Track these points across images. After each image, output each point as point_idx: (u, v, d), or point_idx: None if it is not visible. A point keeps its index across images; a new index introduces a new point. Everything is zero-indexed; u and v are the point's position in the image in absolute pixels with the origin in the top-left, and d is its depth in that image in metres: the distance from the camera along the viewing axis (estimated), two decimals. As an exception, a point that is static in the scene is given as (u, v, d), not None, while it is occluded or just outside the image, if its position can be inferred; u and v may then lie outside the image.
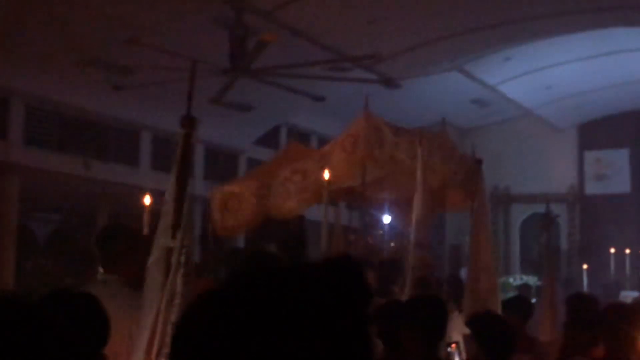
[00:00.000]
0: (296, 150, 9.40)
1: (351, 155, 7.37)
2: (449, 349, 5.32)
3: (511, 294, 11.70)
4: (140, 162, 13.94)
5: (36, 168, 12.05)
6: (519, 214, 18.80)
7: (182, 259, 3.71)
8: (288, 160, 8.84)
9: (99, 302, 3.02)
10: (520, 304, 7.24)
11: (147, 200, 7.39)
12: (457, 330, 5.86)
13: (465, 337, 5.55)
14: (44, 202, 14.27)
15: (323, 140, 18.40)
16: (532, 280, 15.51)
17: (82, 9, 10.22)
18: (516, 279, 16.40)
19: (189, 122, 3.92)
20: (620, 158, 19.42)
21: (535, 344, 6.53)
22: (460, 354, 5.80)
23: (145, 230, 6.79)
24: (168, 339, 3.53)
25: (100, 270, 4.67)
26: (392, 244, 11.34)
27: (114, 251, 4.67)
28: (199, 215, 15.11)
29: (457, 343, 5.59)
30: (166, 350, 3.51)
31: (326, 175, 6.93)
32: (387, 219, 11.38)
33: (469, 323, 5.23)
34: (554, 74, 16.26)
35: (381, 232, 11.50)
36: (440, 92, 15.98)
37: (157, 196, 3.99)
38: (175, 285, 3.68)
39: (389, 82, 14.15)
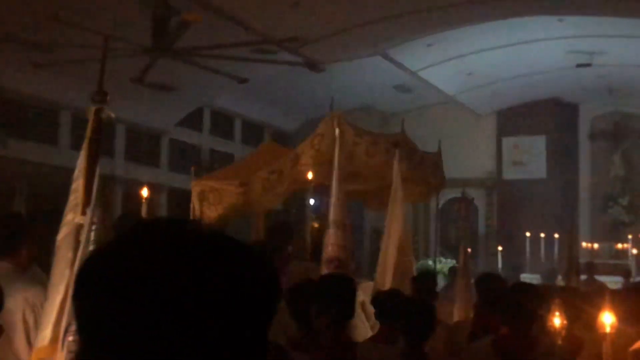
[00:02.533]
0: (271, 149, 9.98)
1: (318, 152, 7.67)
2: None
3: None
4: (59, 141, 13.74)
5: (-49, 146, 11.79)
6: (439, 198, 18.99)
7: (92, 235, 3.67)
8: (264, 159, 9.50)
9: None
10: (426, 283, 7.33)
11: (144, 192, 7.63)
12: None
13: None
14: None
15: (247, 123, 18.41)
16: (450, 263, 15.73)
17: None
18: (431, 261, 16.61)
19: (99, 96, 3.87)
20: (537, 144, 19.77)
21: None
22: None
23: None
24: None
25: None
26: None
27: None
28: (120, 195, 15.00)
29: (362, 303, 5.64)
30: (74, 326, 3.47)
31: (310, 175, 7.77)
32: (311, 202, 11.43)
33: (372, 301, 5.30)
34: (474, 61, 16.48)
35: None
36: (363, 77, 16.11)
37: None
38: (87, 262, 3.63)
39: (312, 66, 14.16)
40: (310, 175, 7.88)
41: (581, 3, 12.92)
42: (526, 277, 15.31)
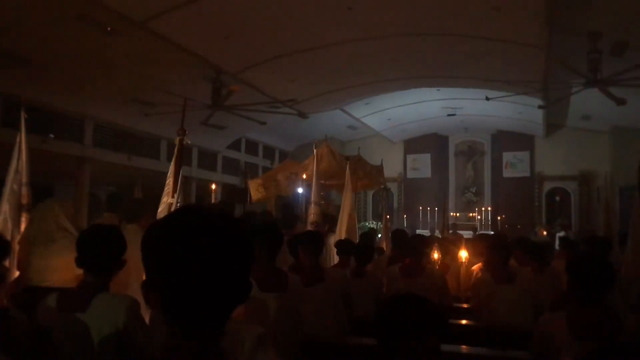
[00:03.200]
0: (290, 163, 10.06)
1: (319, 164, 7.75)
2: None
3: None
4: (160, 157, 13.56)
5: None
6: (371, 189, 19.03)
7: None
8: (286, 167, 9.76)
9: None
10: (368, 236, 7.31)
11: (213, 186, 7.90)
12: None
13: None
14: None
15: (265, 147, 18.32)
16: (378, 224, 15.72)
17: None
18: (369, 224, 16.63)
19: (182, 131, 3.85)
20: (425, 158, 19.82)
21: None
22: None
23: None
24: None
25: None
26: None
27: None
28: (194, 188, 14.89)
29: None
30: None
31: (304, 176, 8.06)
32: (300, 190, 11.39)
33: (335, 244, 5.28)
34: (391, 112, 16.52)
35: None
36: (329, 120, 16.05)
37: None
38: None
39: (302, 115, 14.13)
40: (304, 175, 7.92)
41: (450, 82, 12.98)
42: (420, 232, 15.39)
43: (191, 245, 1.07)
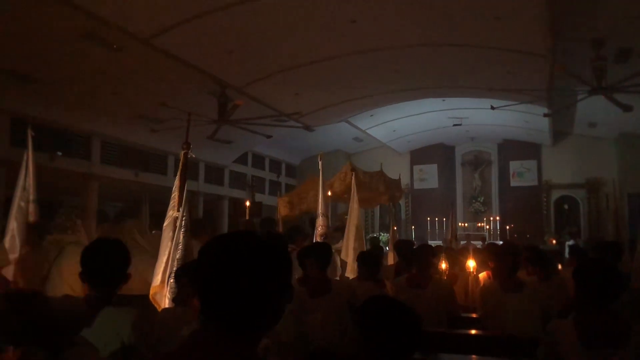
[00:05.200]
0: (313, 180, 10.10)
1: (342, 182, 7.73)
2: None
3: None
4: (167, 172, 13.63)
5: None
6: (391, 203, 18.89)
7: (183, 222, 3.64)
8: (310, 185, 9.50)
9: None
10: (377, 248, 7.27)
11: (247, 203, 8.06)
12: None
13: None
14: None
15: (272, 160, 18.38)
16: (385, 236, 15.64)
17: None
18: (377, 235, 16.56)
19: (186, 145, 3.88)
20: (432, 169, 19.78)
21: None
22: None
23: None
24: (174, 268, 3.47)
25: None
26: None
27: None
28: (202, 202, 14.93)
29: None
30: (172, 275, 3.43)
31: (329, 193, 7.76)
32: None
33: (358, 257, 5.22)
34: (397, 124, 16.53)
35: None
36: (335, 133, 16.09)
37: None
38: (179, 238, 3.61)
39: (307, 128, 14.17)
40: (329, 193, 7.97)
41: (454, 92, 13.00)
42: (431, 243, 15.25)
43: (224, 265, 1.26)
